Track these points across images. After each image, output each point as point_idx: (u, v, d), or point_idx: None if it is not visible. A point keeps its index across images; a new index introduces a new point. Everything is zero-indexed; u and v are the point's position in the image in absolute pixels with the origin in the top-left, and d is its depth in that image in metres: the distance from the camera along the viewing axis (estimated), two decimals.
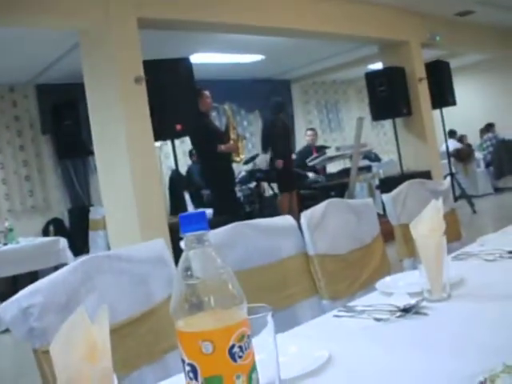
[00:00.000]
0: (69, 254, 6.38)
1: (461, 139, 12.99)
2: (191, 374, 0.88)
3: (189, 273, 0.90)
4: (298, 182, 8.94)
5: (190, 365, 0.88)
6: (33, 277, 6.43)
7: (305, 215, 2.30)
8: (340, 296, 2.26)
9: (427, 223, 1.70)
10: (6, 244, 6.26)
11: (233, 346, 0.87)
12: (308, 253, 2.27)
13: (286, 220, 2.31)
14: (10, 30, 5.86)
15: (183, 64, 6.03)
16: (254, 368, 0.91)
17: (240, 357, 0.88)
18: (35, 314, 1.48)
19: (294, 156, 9.59)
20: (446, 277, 1.65)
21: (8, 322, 1.47)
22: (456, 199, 9.62)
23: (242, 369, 0.89)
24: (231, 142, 7.47)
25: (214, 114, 8.81)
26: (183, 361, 0.89)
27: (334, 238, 2.38)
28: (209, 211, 7.72)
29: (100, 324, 0.89)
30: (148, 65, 5.58)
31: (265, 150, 8.93)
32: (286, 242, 2.24)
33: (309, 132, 10.74)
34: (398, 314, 1.55)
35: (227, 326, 0.87)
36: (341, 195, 8.04)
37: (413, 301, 1.59)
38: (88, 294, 1.61)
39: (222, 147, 7.17)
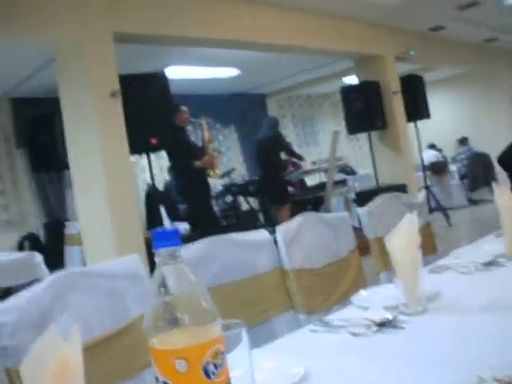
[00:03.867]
0: (44, 269, 6.27)
1: (439, 151, 13.16)
2: None
3: (162, 289, 0.89)
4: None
5: (165, 383, 0.87)
6: (7, 292, 6.34)
7: (280, 230, 2.30)
8: (316, 310, 2.26)
9: (402, 237, 1.70)
10: None
11: (207, 364, 0.86)
12: (283, 267, 2.27)
13: (262, 234, 2.31)
14: None
15: (159, 78, 6.02)
16: None
17: (214, 374, 0.87)
18: (8, 333, 1.46)
19: None
20: (421, 290, 1.66)
21: None
22: (431, 211, 9.68)
23: None
24: (206, 156, 7.47)
25: (189, 128, 8.78)
26: (157, 379, 0.88)
27: (309, 252, 2.38)
28: (185, 226, 7.70)
29: (72, 343, 0.87)
30: (124, 79, 5.56)
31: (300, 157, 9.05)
32: (261, 256, 2.23)
33: None
34: (375, 328, 1.55)
35: (201, 343, 0.87)
36: (317, 209, 8.05)
37: (389, 315, 1.60)
38: (62, 311, 1.59)
39: (198, 163, 7.17)
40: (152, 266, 1.49)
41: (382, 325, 1.56)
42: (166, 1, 6.06)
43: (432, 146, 12.99)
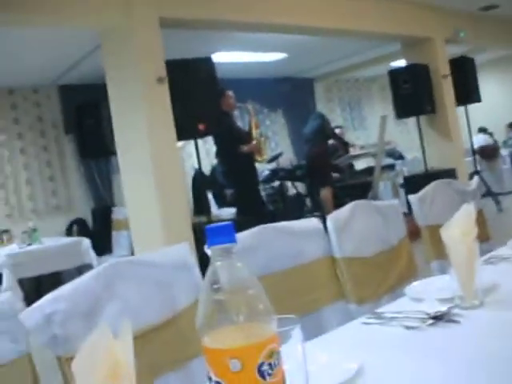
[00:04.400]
0: (92, 254, 6.38)
1: (490, 135, 12.90)
2: None
3: (215, 286, 0.87)
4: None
5: (218, 383, 0.85)
6: (56, 277, 6.45)
7: (331, 217, 2.26)
8: (366, 300, 2.23)
9: (459, 227, 1.65)
10: (30, 244, 6.28)
11: (262, 364, 0.83)
12: (334, 256, 2.23)
13: (312, 222, 2.28)
14: (32, 31, 5.88)
15: (205, 63, 6.01)
16: None
17: (269, 374, 0.84)
18: (58, 321, 1.46)
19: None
20: (478, 283, 1.60)
21: (31, 328, 1.45)
22: (482, 197, 9.50)
23: None
24: (254, 141, 7.45)
25: (236, 113, 8.77)
26: (210, 378, 0.86)
27: (360, 241, 2.34)
28: (232, 210, 7.70)
29: (123, 341, 0.85)
30: (170, 64, 5.56)
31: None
32: (311, 244, 2.20)
33: (337, 130, 10.66)
34: (429, 321, 1.50)
35: (256, 343, 0.84)
36: (365, 194, 7.97)
37: (444, 308, 1.55)
38: (111, 301, 1.59)
39: (245, 148, 7.15)
40: (199, 251, 1.46)
41: (437, 318, 1.51)
42: None
43: (483, 130, 12.72)
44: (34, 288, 6.59)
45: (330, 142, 8.99)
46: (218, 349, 0.84)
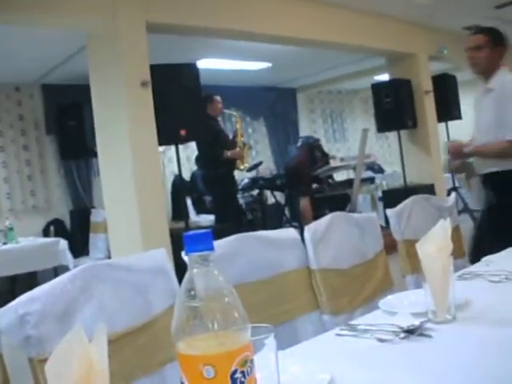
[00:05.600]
0: (68, 255, 6.36)
1: None
2: None
3: (192, 293, 0.87)
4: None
5: None
6: (32, 277, 6.41)
7: (308, 228, 2.27)
8: (341, 311, 2.24)
9: (434, 243, 1.67)
10: (5, 243, 6.23)
11: (235, 372, 0.84)
12: (310, 267, 2.24)
13: (290, 233, 2.29)
14: (17, 30, 5.85)
15: (190, 69, 6.01)
16: None
17: (242, 382, 0.85)
18: (32, 322, 1.45)
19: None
20: (451, 298, 1.62)
21: (4, 328, 1.45)
22: (459, 213, 9.57)
23: None
24: (237, 149, 7.47)
25: (220, 119, 8.77)
26: None
27: (337, 253, 2.35)
28: (210, 217, 7.70)
29: (98, 344, 0.86)
30: (155, 69, 5.56)
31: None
32: (288, 255, 2.21)
33: None
34: (402, 335, 1.52)
35: (230, 351, 0.85)
36: (343, 206, 8.00)
37: (417, 322, 1.56)
38: (87, 303, 1.58)
39: (229, 153, 7.17)
40: (176, 256, 1.46)
41: (410, 332, 1.52)
42: None
43: None
44: (9, 288, 6.54)
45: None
46: (192, 355, 0.85)
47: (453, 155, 4.04)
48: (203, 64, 7.74)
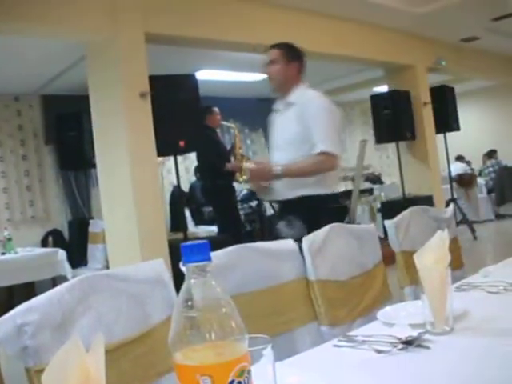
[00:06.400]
0: (67, 266, 6.35)
1: (468, 164, 13.03)
2: None
3: (189, 303, 0.87)
4: None
5: None
6: (30, 288, 6.40)
7: (307, 239, 2.27)
8: (339, 323, 2.23)
9: (432, 254, 1.67)
10: (3, 253, 6.22)
11: (232, 382, 0.84)
12: (308, 278, 2.24)
13: (288, 244, 2.29)
14: (18, 40, 5.86)
15: (189, 80, 6.03)
16: None
17: None
18: (29, 332, 1.45)
19: None
20: (449, 309, 1.62)
21: (1, 338, 1.44)
22: (457, 224, 9.59)
23: None
24: (236, 161, 7.48)
25: (218, 130, 8.78)
26: None
27: (335, 264, 2.35)
28: (209, 228, 7.69)
29: (95, 354, 0.86)
30: (154, 80, 5.57)
31: None
32: (286, 266, 2.21)
33: None
34: (400, 346, 1.52)
35: (227, 361, 0.84)
36: (342, 217, 8.00)
37: (415, 333, 1.56)
38: (84, 314, 1.58)
39: (228, 166, 7.17)
40: (175, 267, 1.46)
41: (408, 343, 1.52)
42: (199, 3, 6.07)
43: (460, 158, 12.88)
44: (7, 298, 6.52)
45: None
46: (188, 365, 0.85)
47: (257, 178, 3.68)
48: (202, 75, 7.75)
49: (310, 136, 3.40)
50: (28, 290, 6.30)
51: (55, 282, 6.15)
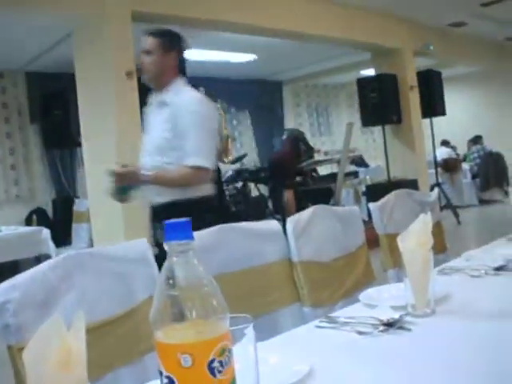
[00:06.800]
0: (51, 244, 6.31)
1: (453, 149, 13.08)
2: None
3: (171, 282, 0.87)
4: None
5: (168, 377, 0.85)
6: (13, 266, 6.37)
7: (290, 221, 2.28)
8: (322, 304, 2.25)
9: (415, 237, 1.68)
10: None
11: (213, 361, 0.84)
12: (292, 259, 2.25)
13: (272, 225, 2.29)
14: (2, 15, 5.79)
15: None
16: (233, 383, 0.89)
17: (220, 372, 0.85)
18: (11, 310, 1.45)
19: None
20: (431, 292, 1.63)
21: None
22: (441, 209, 9.64)
23: None
24: (221, 142, 7.46)
25: None
26: (161, 372, 0.87)
27: (318, 245, 2.36)
28: None
29: (76, 331, 0.85)
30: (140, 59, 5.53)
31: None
32: (270, 247, 2.21)
33: None
34: (381, 328, 1.52)
35: (208, 340, 0.85)
36: (327, 199, 8.02)
37: (396, 315, 1.57)
38: (67, 292, 1.58)
39: None
40: (159, 248, 1.46)
41: (389, 325, 1.53)
42: None
43: (445, 143, 12.91)
44: None
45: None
46: (169, 343, 0.85)
47: (123, 182, 3.16)
48: (189, 55, 7.69)
49: (181, 145, 3.06)
50: (12, 269, 6.27)
51: (39, 260, 6.12)
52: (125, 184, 3.15)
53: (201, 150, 3.06)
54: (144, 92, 5.42)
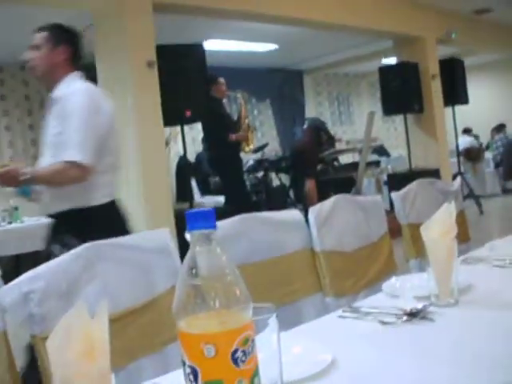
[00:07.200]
0: None
1: (476, 137, 12.95)
2: (191, 377, 0.86)
3: (194, 271, 0.87)
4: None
5: (191, 367, 0.85)
6: (36, 256, 6.42)
7: (312, 210, 2.27)
8: (344, 294, 2.24)
9: (438, 226, 1.66)
10: (10, 222, 6.23)
11: (236, 351, 0.84)
12: (314, 249, 2.24)
13: (294, 214, 2.28)
14: (23, 8, 5.82)
15: (196, 50, 5.99)
16: (256, 373, 0.88)
17: (243, 361, 0.85)
18: (35, 300, 1.46)
19: None
20: (454, 282, 1.62)
21: (7, 306, 1.45)
22: (463, 199, 9.55)
23: (244, 374, 0.86)
24: (242, 131, 7.44)
25: (225, 100, 8.75)
26: (184, 362, 0.86)
27: (341, 235, 2.35)
28: (215, 198, 7.69)
29: (99, 320, 0.86)
30: (161, 49, 5.54)
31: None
32: (292, 236, 2.21)
33: None
34: (404, 318, 1.51)
35: (231, 330, 0.84)
36: (348, 189, 7.99)
37: (419, 305, 1.56)
38: (89, 282, 1.59)
39: (233, 137, 7.14)
40: (180, 237, 1.47)
41: (412, 315, 1.52)
42: None
43: (467, 131, 12.76)
44: (13, 266, 6.55)
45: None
46: (193, 334, 0.85)
47: (6, 183, 2.89)
48: (210, 45, 7.71)
49: (62, 140, 2.84)
50: (34, 259, 6.32)
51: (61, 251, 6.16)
52: (10, 185, 2.92)
53: (77, 144, 2.79)
54: (166, 80, 5.46)
